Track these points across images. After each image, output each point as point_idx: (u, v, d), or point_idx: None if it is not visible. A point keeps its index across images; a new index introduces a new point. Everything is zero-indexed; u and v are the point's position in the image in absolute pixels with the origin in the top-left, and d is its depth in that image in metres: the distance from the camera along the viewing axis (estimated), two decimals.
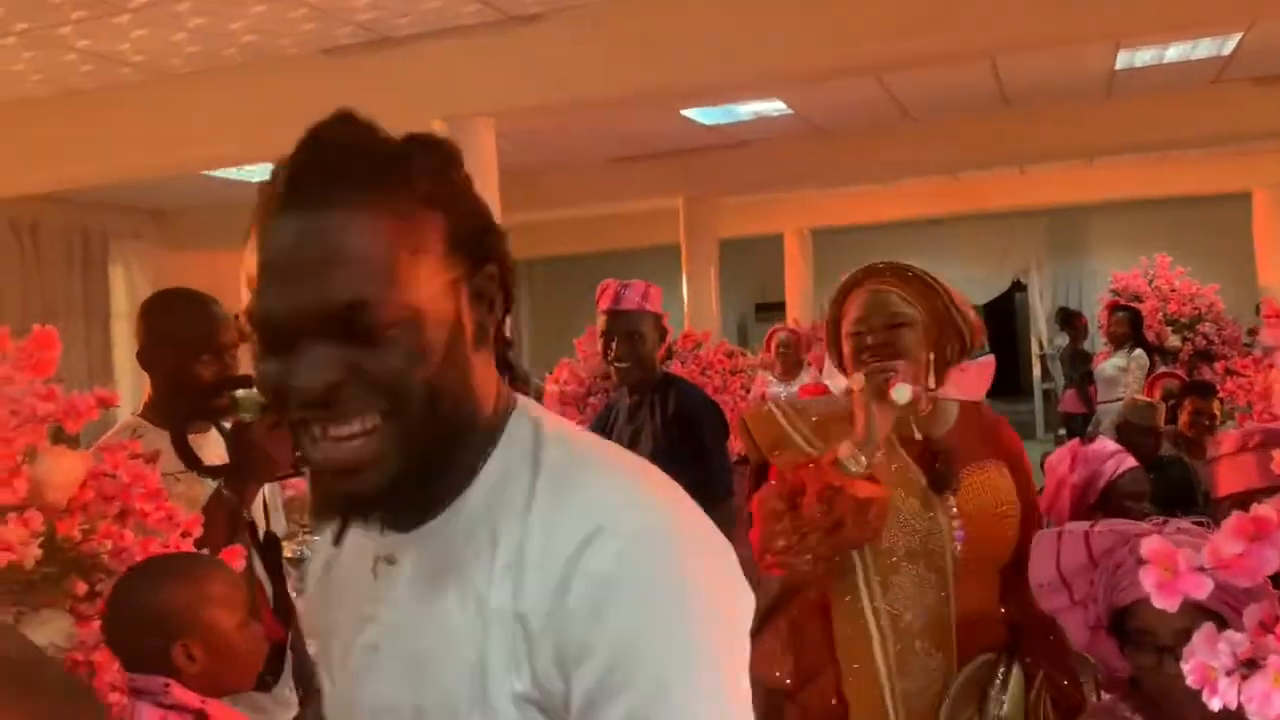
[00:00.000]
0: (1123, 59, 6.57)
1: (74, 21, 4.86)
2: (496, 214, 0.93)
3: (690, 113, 7.30)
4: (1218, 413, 4.42)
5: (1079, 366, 8.51)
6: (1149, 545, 0.88)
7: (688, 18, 4.98)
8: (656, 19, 5.01)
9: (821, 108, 7.54)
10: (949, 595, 1.90)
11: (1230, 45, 6.39)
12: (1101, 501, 2.79)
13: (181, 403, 2.18)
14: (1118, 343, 7.08)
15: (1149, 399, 5.02)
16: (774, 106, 7.37)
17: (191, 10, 4.80)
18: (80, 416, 1.66)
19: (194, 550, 1.72)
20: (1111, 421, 4.79)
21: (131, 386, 8.42)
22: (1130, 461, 2.84)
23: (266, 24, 5.05)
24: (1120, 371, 6.82)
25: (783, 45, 4.98)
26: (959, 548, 1.91)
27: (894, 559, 1.90)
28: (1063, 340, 9.54)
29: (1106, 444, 2.97)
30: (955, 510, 1.92)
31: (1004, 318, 14.09)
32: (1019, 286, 13.45)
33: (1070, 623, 1.79)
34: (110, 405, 1.73)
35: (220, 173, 7.80)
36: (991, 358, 5.92)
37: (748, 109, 7.40)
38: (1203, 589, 0.87)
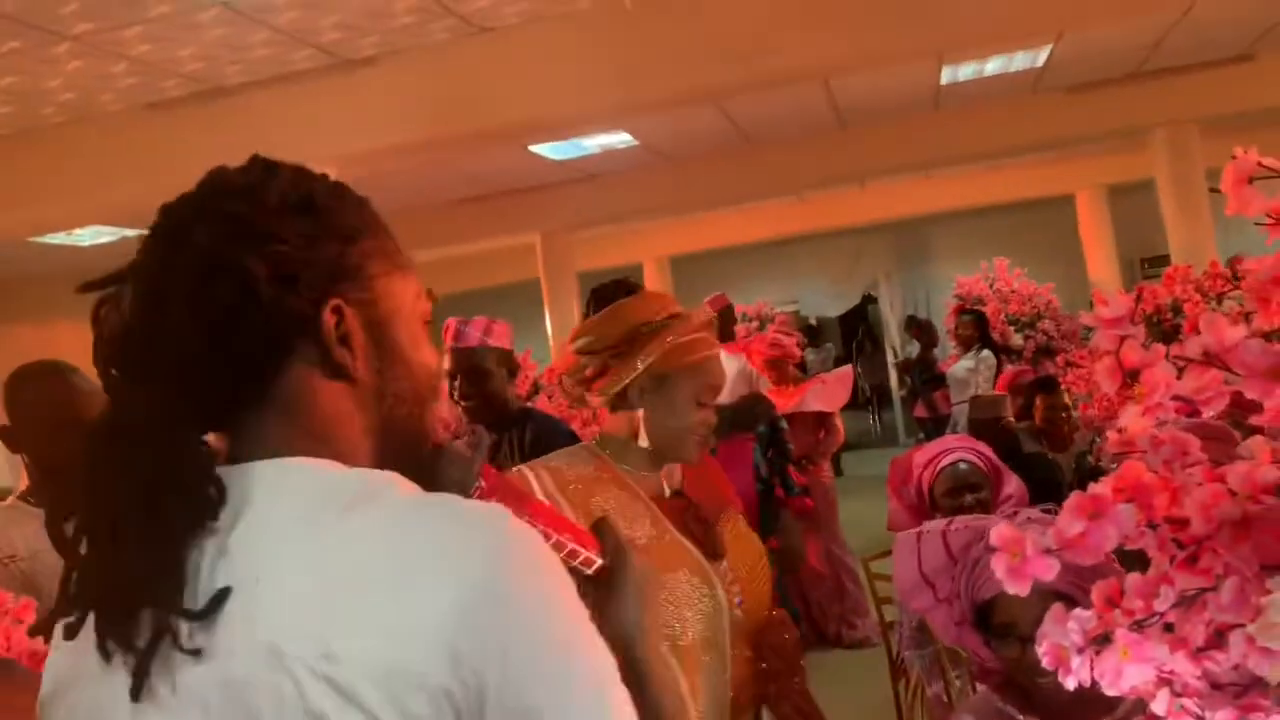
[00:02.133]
0: (947, 74, 6.89)
1: None
2: None
3: (538, 149, 7.30)
4: (1069, 403, 4.63)
5: (924, 373, 8.83)
6: (997, 532, 0.90)
7: (526, 54, 4.98)
8: (493, 57, 5.00)
9: (666, 137, 7.66)
10: (728, 677, 1.63)
11: (1043, 57, 6.77)
12: (932, 503, 2.77)
13: (51, 481, 2.05)
14: (966, 345, 7.36)
15: (993, 392, 5.23)
16: (620, 139, 7.44)
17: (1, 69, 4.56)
18: None
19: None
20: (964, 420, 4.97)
21: None
22: (948, 459, 2.77)
23: (84, 80, 4.83)
24: (970, 373, 7.08)
25: (621, 77, 5.04)
26: (740, 614, 1.65)
27: (695, 655, 1.58)
28: (914, 348, 9.89)
29: (939, 444, 2.98)
30: (730, 576, 1.67)
31: (859, 332, 14.52)
32: (871, 299, 13.88)
33: (937, 620, 1.82)
34: None
35: (48, 238, 7.41)
36: (849, 368, 6.05)
37: (594, 142, 7.45)
38: (1050, 571, 0.89)
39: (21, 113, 5.13)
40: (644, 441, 1.70)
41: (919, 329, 10.01)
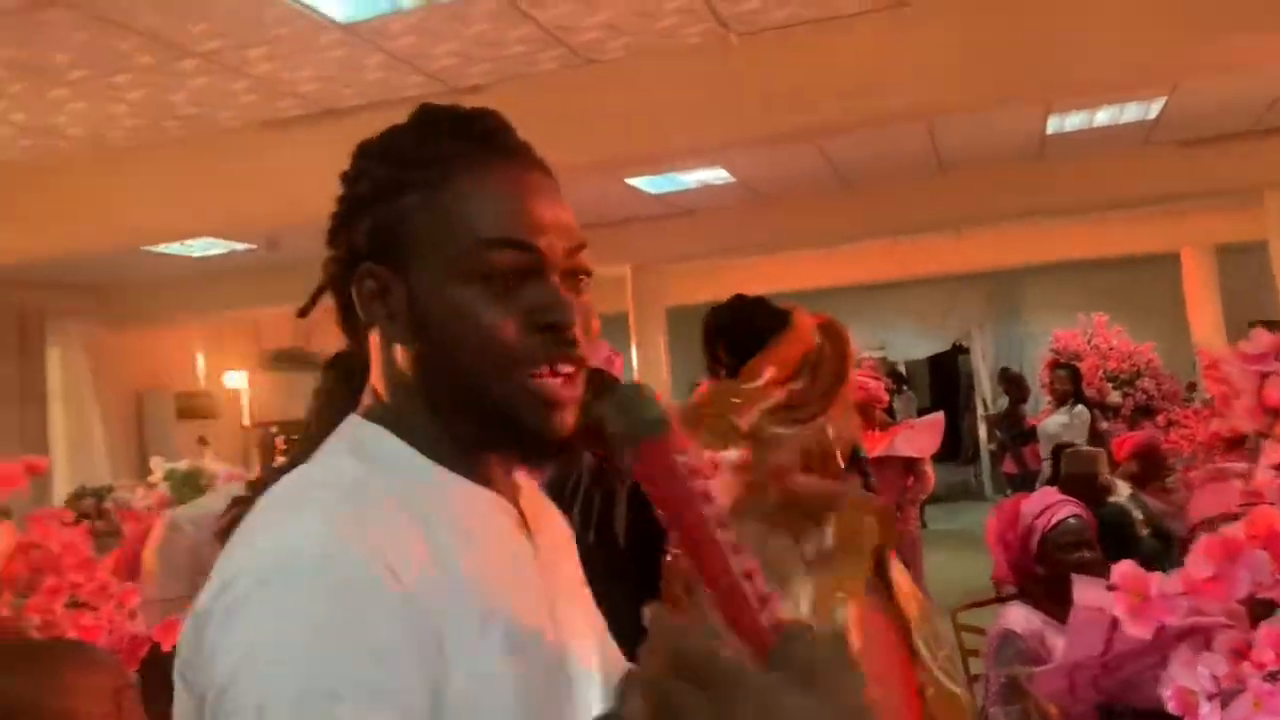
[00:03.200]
0: (1053, 123, 6.77)
1: (10, 95, 4.80)
2: None
3: (635, 181, 7.37)
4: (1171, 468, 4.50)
5: (1014, 428, 8.62)
6: (1118, 570, 0.86)
7: (629, 87, 5.04)
8: (598, 87, 5.07)
9: (764, 175, 7.66)
10: None
11: (1155, 110, 6.61)
12: (1040, 556, 2.74)
13: None
14: (1060, 400, 7.18)
15: (1089, 447, 5.08)
16: (717, 175, 7.47)
17: (130, 83, 4.77)
18: (8, 484, 1.59)
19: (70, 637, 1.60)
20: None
21: (67, 465, 8.18)
22: (1062, 512, 2.76)
23: (207, 97, 5.03)
24: (1063, 428, 6.91)
25: (722, 113, 5.06)
26: None
27: None
28: (1005, 401, 9.68)
29: (1045, 496, 2.95)
30: None
31: (949, 380, 14.27)
32: (960, 349, 13.64)
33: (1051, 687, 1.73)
34: (38, 473, 1.66)
35: (161, 248, 7.70)
36: (940, 415, 5.91)
37: (692, 177, 7.49)
38: (1174, 613, 0.86)
39: (147, 126, 5.35)
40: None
41: (1010, 382, 9.79)
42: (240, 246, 8.04)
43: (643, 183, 7.45)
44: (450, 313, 0.81)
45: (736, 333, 1.70)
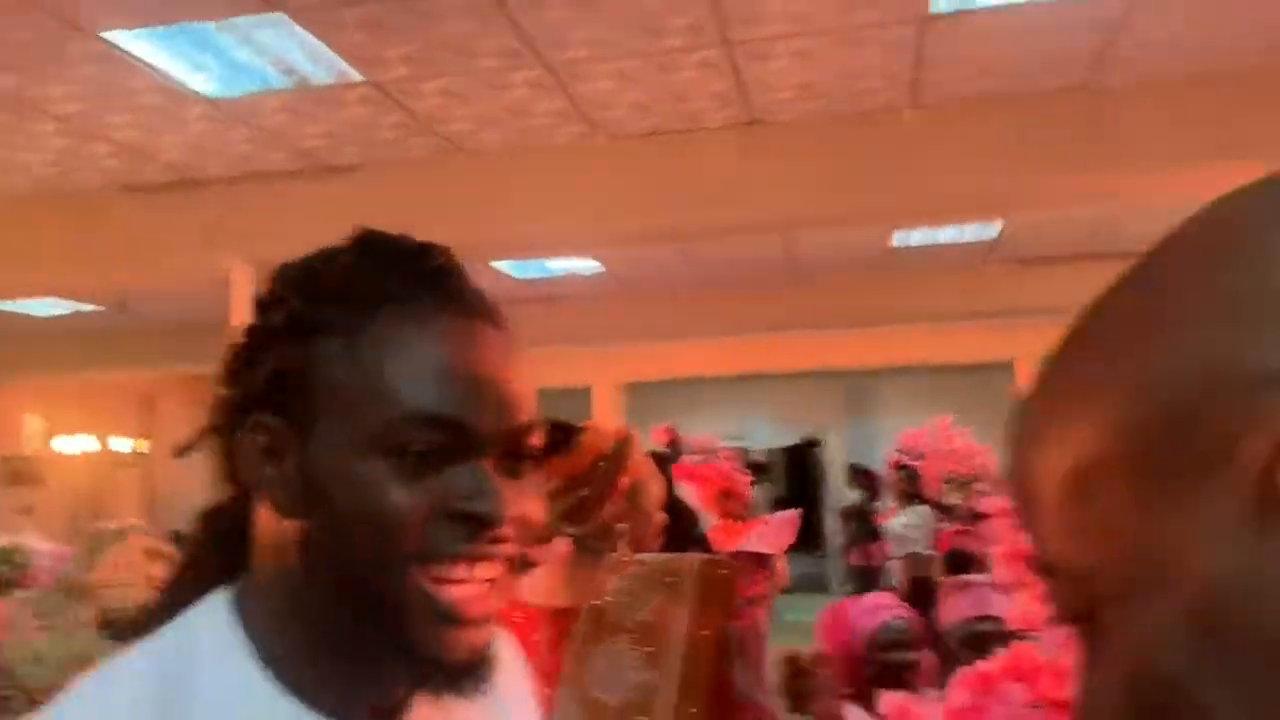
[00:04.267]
0: (899, 238, 7.18)
1: None
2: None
3: (501, 265, 7.45)
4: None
5: (863, 523, 8.91)
6: (886, 699, 0.96)
7: (500, 177, 5.16)
8: (468, 175, 5.17)
9: (632, 267, 7.86)
10: None
11: (994, 231, 7.10)
12: (867, 658, 2.74)
13: None
14: (903, 500, 7.46)
15: (929, 552, 5.30)
16: (587, 265, 7.62)
17: None
18: None
19: None
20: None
21: None
22: (886, 614, 2.79)
23: (64, 158, 4.91)
24: (906, 528, 7.17)
25: (593, 209, 5.23)
26: None
27: None
28: (854, 496, 9.99)
29: (875, 598, 3.02)
30: None
31: (804, 472, 14.65)
32: (815, 443, 14.05)
33: None
34: None
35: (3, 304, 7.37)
36: (795, 512, 6.06)
37: (560, 265, 7.62)
38: None
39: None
40: None
41: (863, 475, 10.11)
42: (87, 308, 7.76)
43: (508, 266, 7.54)
44: (350, 489, 0.65)
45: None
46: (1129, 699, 0.37)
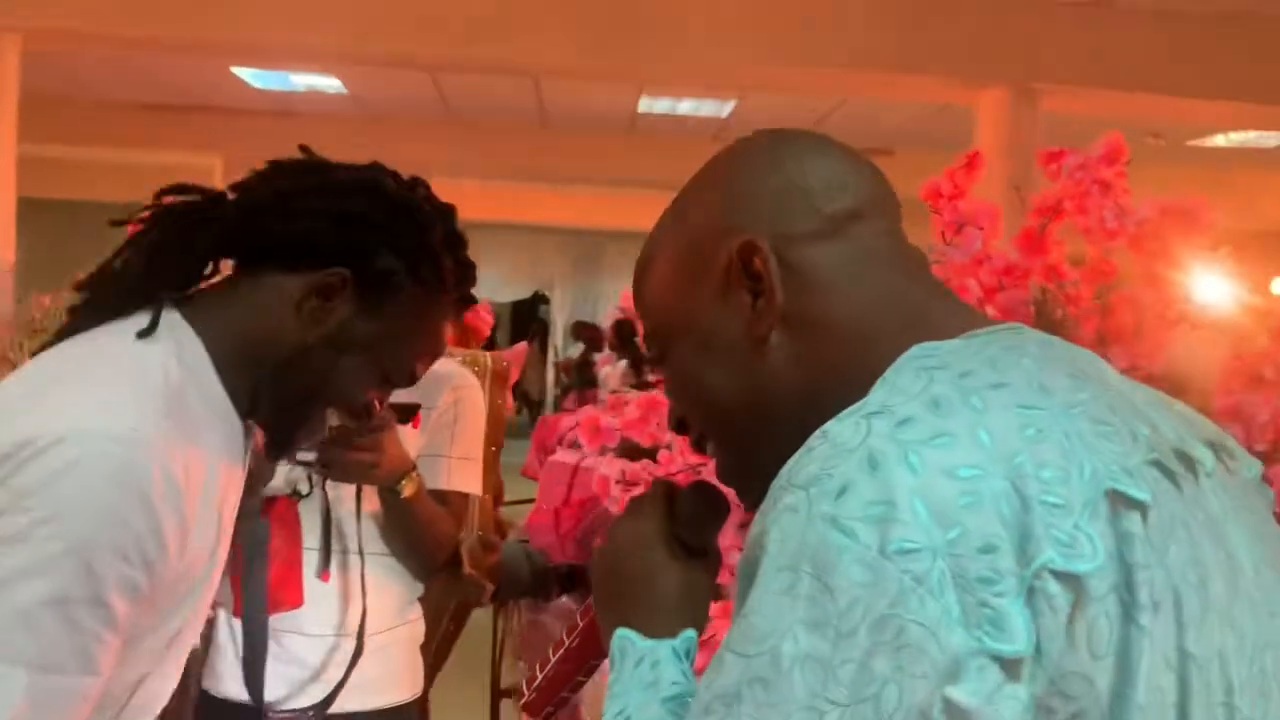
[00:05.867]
0: (644, 103, 7.49)
1: None
2: (11, 142, 0.95)
3: (241, 72, 7.14)
4: None
5: (583, 375, 9.41)
6: (581, 412, 1.30)
7: None
8: None
9: (377, 93, 7.72)
10: None
11: (728, 109, 7.54)
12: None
13: None
14: (619, 352, 7.96)
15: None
16: (330, 83, 7.43)
17: None
18: None
19: None
20: None
21: None
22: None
23: None
24: (609, 376, 7.70)
25: (337, 24, 5.15)
26: None
27: None
28: (575, 350, 10.46)
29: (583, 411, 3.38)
30: None
31: (527, 326, 15.05)
32: (542, 298, 14.43)
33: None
34: None
35: None
36: (524, 344, 6.49)
37: (302, 80, 7.39)
38: (614, 439, 1.27)
39: None
40: None
41: (587, 329, 10.57)
42: None
43: (250, 74, 7.24)
44: (340, 361, 0.94)
45: None
46: (672, 416, 0.73)
